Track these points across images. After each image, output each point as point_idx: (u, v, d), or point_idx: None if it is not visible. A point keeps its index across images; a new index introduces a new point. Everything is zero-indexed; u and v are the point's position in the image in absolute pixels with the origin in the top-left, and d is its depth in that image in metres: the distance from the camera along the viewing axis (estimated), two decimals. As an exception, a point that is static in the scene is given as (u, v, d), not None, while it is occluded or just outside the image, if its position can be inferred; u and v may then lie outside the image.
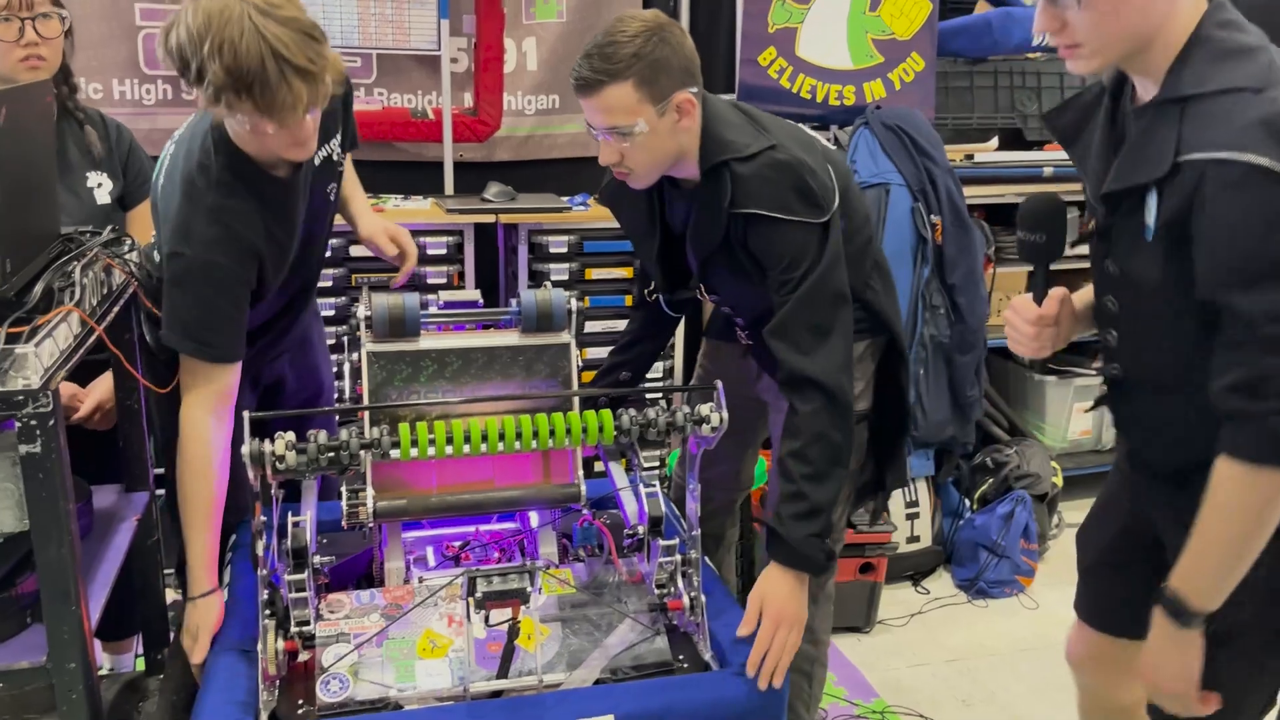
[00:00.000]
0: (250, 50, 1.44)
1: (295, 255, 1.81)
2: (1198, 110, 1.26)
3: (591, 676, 1.61)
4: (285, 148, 1.62)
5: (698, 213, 1.77)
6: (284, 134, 1.57)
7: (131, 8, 2.95)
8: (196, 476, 1.64)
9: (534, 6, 3.37)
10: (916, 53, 3.26)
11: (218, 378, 1.67)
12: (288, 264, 1.80)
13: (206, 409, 1.65)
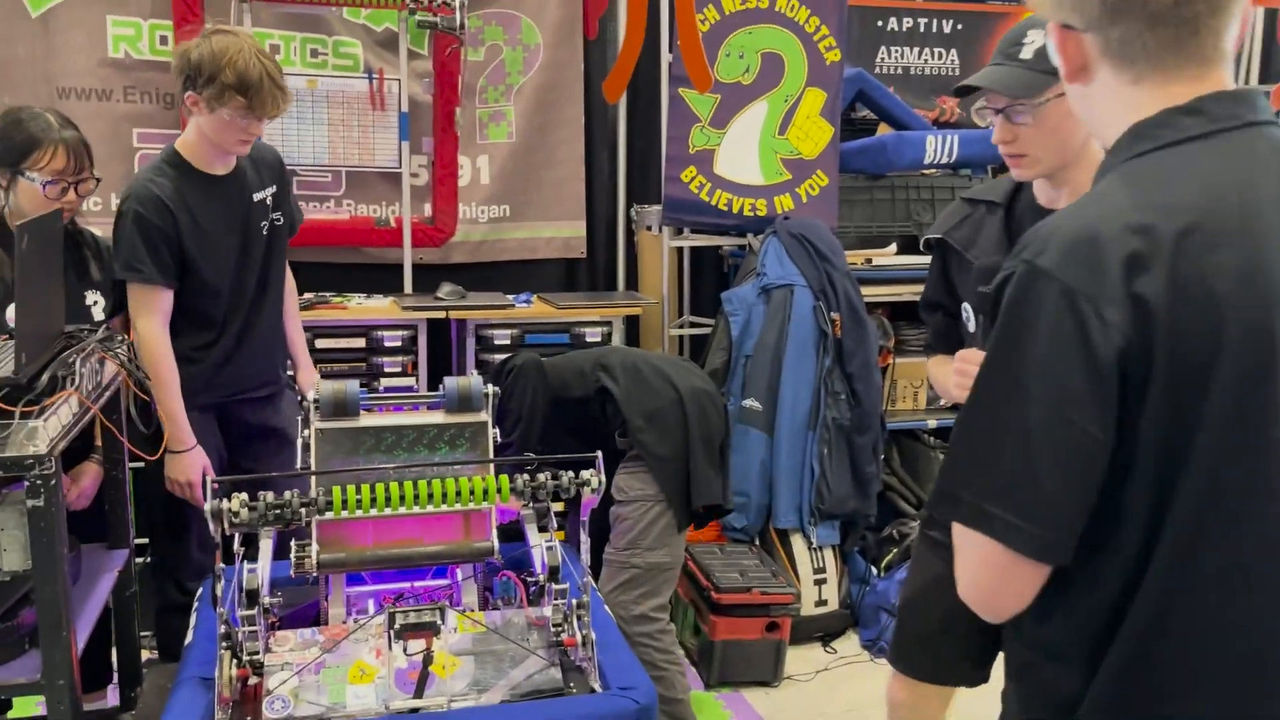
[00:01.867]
0: (254, 68, 2.32)
1: (229, 260, 2.50)
2: None
3: (495, 699, 1.93)
4: (235, 143, 2.42)
5: None
6: (244, 131, 2.38)
7: (130, 132, 3.37)
8: (161, 362, 2.38)
9: (486, 129, 3.81)
10: (821, 170, 3.70)
11: (152, 298, 2.41)
12: (216, 260, 2.48)
13: (151, 320, 2.41)
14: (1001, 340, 1.02)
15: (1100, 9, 1.03)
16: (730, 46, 3.60)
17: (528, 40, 3.80)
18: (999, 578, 1.03)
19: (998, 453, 1.00)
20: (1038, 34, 1.68)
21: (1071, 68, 1.09)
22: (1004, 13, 4.49)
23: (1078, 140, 1.72)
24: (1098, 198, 1.04)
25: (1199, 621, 1.01)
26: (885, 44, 4.34)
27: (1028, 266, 1.00)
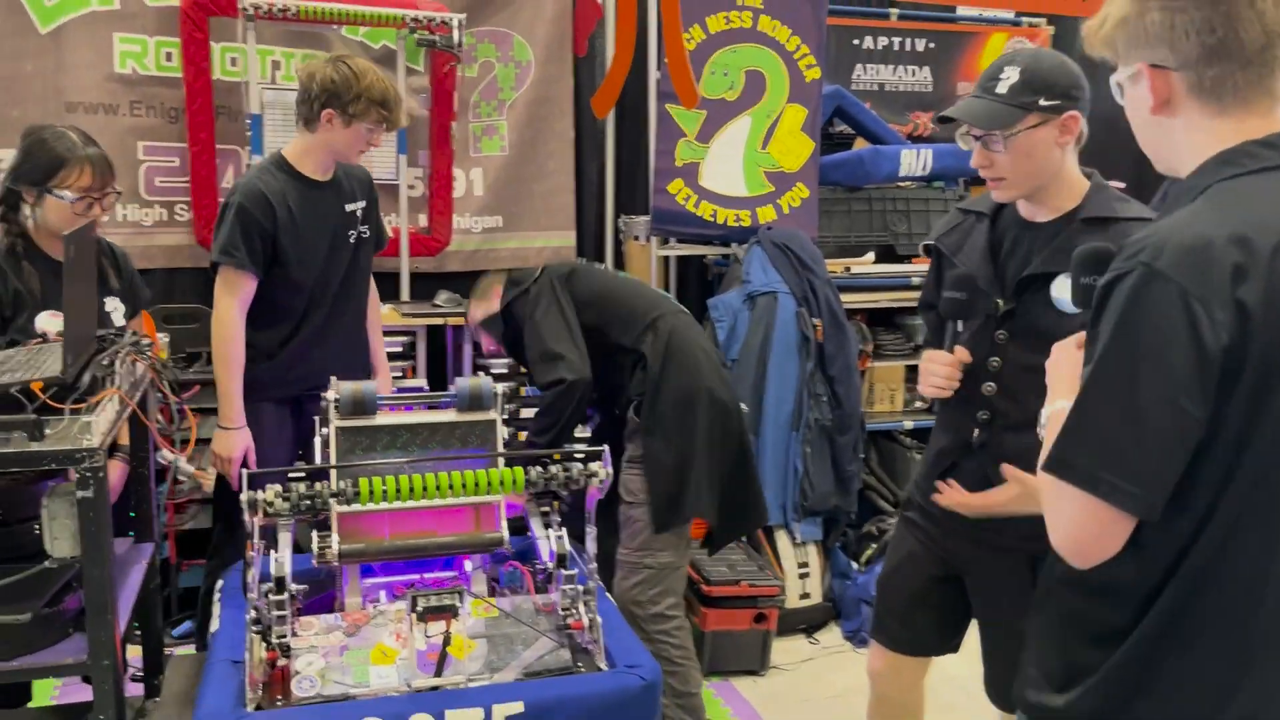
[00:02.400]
0: (391, 89, 2.70)
1: (317, 260, 2.74)
2: (1120, 228, 1.84)
3: (508, 678, 2.06)
4: (357, 153, 2.75)
5: None
6: (367, 143, 2.72)
7: (136, 145, 3.48)
8: (232, 342, 2.64)
9: (480, 142, 3.94)
10: (802, 182, 3.87)
11: (239, 282, 2.64)
12: (305, 257, 2.71)
13: (232, 302, 2.64)
14: (1119, 331, 1.15)
15: (1200, 51, 1.19)
16: (715, 64, 3.76)
17: (520, 57, 3.94)
18: (1101, 531, 1.18)
19: (1112, 427, 1.16)
20: (1013, 70, 1.86)
21: (1158, 101, 1.24)
22: (975, 32, 4.68)
23: (1052, 165, 1.90)
24: (1200, 212, 1.18)
25: (1243, 568, 1.21)
26: (861, 61, 4.52)
27: (1146, 268, 1.14)
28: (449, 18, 3.51)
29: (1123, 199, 1.93)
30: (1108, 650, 1.27)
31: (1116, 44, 1.27)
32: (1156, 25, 1.21)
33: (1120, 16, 1.25)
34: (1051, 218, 1.95)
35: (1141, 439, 1.14)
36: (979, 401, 2.01)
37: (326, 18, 3.36)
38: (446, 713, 1.90)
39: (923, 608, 2.19)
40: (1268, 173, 1.19)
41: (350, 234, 2.82)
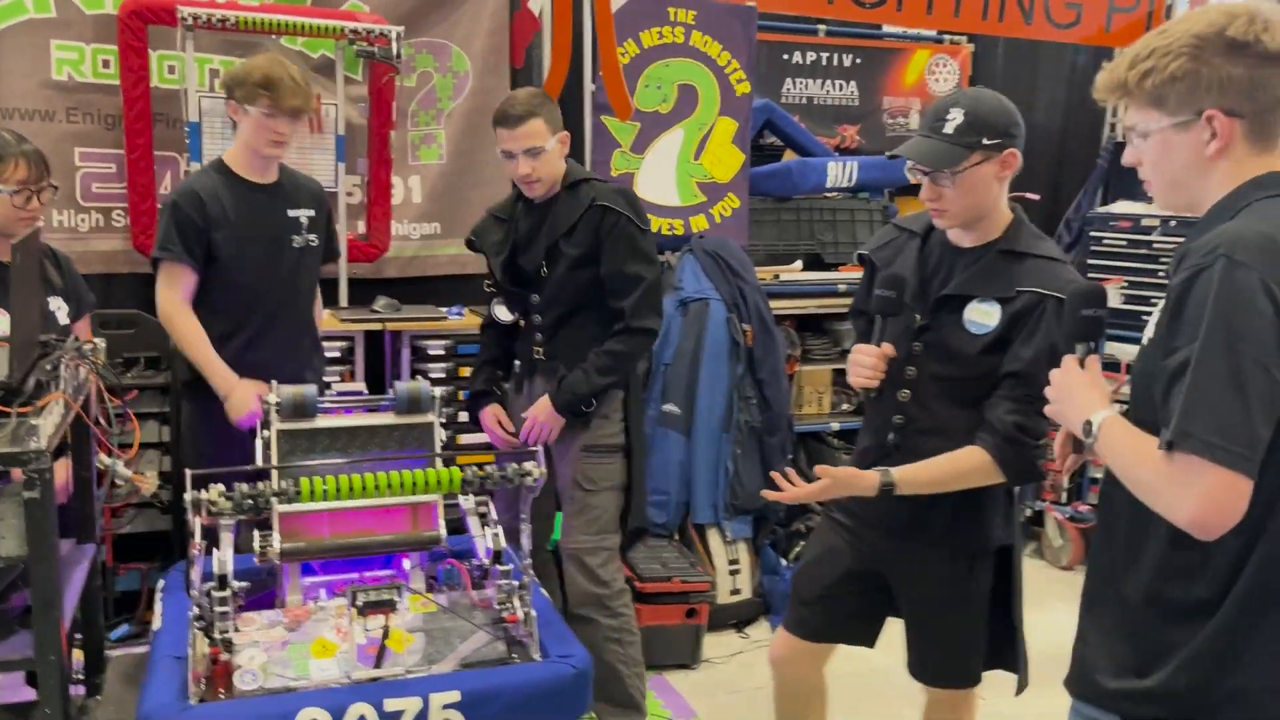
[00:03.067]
0: (276, 70, 2.73)
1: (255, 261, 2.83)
2: (1030, 262, 2.05)
3: (446, 669, 2.15)
4: (266, 144, 2.79)
5: None
6: (272, 131, 2.75)
7: (72, 151, 3.49)
8: (183, 324, 2.78)
9: (418, 151, 4.01)
10: (733, 193, 4.01)
11: (177, 275, 2.78)
12: (240, 255, 2.81)
13: (173, 293, 2.79)
14: (1215, 316, 1.30)
15: (1271, 101, 1.39)
16: (649, 78, 3.88)
17: (457, 68, 4.02)
18: (1227, 500, 1.29)
19: (1224, 399, 1.28)
20: (958, 111, 2.03)
21: (1222, 144, 1.41)
22: (899, 49, 4.87)
23: (991, 197, 2.08)
24: (1257, 217, 1.36)
25: None
26: (790, 76, 4.68)
27: (1228, 261, 1.31)
28: (387, 30, 3.58)
29: (1038, 236, 2.13)
30: (1192, 627, 1.38)
31: (1168, 96, 1.42)
32: (1234, 78, 1.38)
33: (1182, 70, 1.40)
34: (974, 244, 2.12)
35: (1248, 407, 1.28)
36: (895, 407, 2.16)
37: (266, 29, 3.41)
38: (385, 701, 1.99)
39: (834, 599, 2.32)
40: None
41: (294, 239, 2.90)
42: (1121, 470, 1.42)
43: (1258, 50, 1.37)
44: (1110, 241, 4.38)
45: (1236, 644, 1.36)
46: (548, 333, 2.78)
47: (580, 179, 2.77)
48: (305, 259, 2.96)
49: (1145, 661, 1.42)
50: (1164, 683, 1.40)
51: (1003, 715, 2.57)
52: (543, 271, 2.73)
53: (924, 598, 2.25)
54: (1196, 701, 1.38)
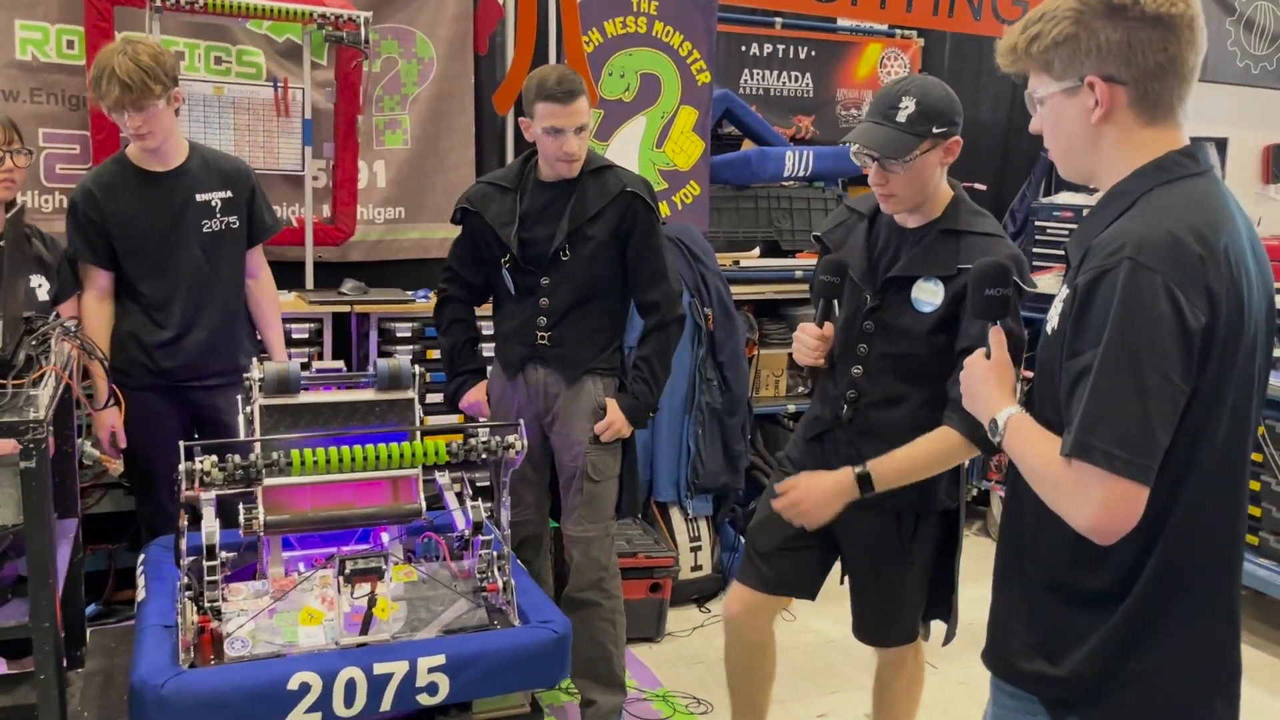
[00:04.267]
0: (104, 66, 2.63)
1: (163, 250, 2.82)
2: (969, 239, 2.14)
3: (430, 635, 2.22)
4: (132, 135, 2.74)
5: None
6: (125, 124, 2.70)
7: (37, 132, 3.48)
8: (94, 334, 2.73)
9: (383, 135, 4.05)
10: (694, 180, 4.11)
11: (88, 275, 2.83)
12: (143, 246, 2.81)
13: (88, 296, 2.83)
14: (1117, 321, 1.28)
15: (1152, 66, 1.35)
16: (612, 66, 3.96)
17: (422, 54, 4.07)
18: (1126, 508, 1.30)
19: (1125, 408, 1.28)
20: (910, 100, 2.11)
21: (1103, 111, 1.38)
22: (853, 42, 5.00)
23: (934, 182, 2.19)
24: (1160, 213, 1.34)
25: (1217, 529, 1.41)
26: (749, 67, 4.79)
27: (1132, 264, 1.28)
28: (356, 15, 3.61)
29: (977, 213, 2.23)
30: (1096, 614, 1.42)
31: (1054, 61, 1.40)
32: (1115, 41, 1.35)
33: (1064, 35, 1.38)
34: (918, 225, 2.23)
35: (1148, 415, 1.28)
36: (848, 382, 2.28)
37: (236, 12, 3.43)
38: (374, 665, 2.06)
39: (790, 551, 2.42)
40: (1194, 178, 1.38)
41: (204, 223, 2.88)
42: (1024, 470, 1.44)
43: (1135, 13, 1.35)
44: (1054, 231, 4.55)
45: (1140, 632, 1.41)
46: (555, 317, 2.73)
47: (603, 164, 2.76)
48: (224, 244, 2.93)
49: (1054, 647, 1.47)
50: (1075, 670, 1.44)
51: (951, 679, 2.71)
52: (563, 254, 2.70)
53: (869, 558, 2.38)
54: (1103, 685, 1.43)
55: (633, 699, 3.14)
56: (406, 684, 2.08)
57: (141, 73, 2.61)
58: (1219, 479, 1.40)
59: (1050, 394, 1.43)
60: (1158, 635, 1.41)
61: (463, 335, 2.93)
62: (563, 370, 2.77)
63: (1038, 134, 1.51)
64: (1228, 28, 5.98)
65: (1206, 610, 1.43)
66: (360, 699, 2.04)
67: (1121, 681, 1.42)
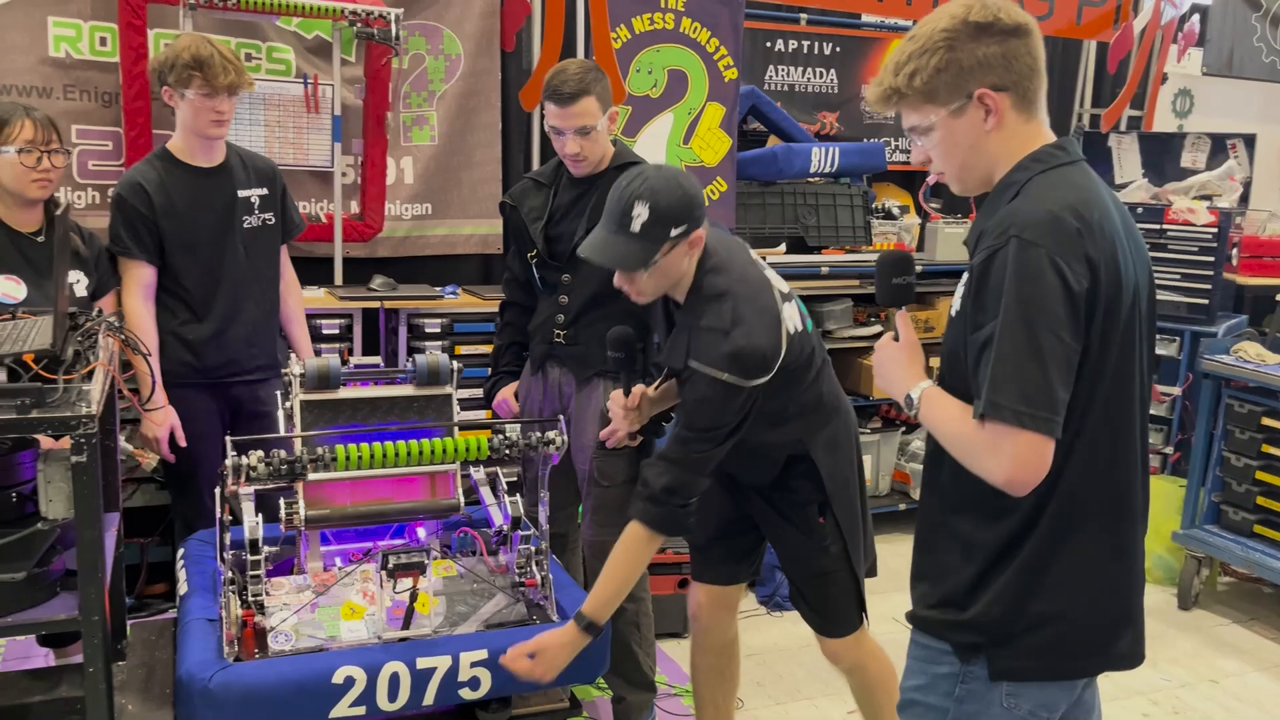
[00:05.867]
0: (204, 49, 2.72)
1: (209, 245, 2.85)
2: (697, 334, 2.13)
3: (470, 630, 2.24)
4: (208, 124, 2.78)
5: None
6: (212, 110, 2.75)
7: (70, 129, 3.49)
8: (143, 332, 2.74)
9: (411, 131, 4.06)
10: (720, 177, 4.11)
11: (133, 271, 2.82)
12: (191, 242, 2.84)
13: (132, 293, 2.82)
14: (1010, 293, 1.43)
15: (1024, 70, 1.53)
16: (640, 63, 3.97)
17: (449, 50, 4.07)
18: (1036, 459, 1.44)
19: (1025, 368, 1.42)
20: (643, 208, 2.06)
21: (996, 120, 1.54)
22: (878, 38, 4.99)
23: (684, 272, 2.14)
24: (1039, 196, 1.49)
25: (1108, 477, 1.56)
26: (774, 63, 4.78)
27: (1018, 240, 1.44)
28: (387, 12, 3.63)
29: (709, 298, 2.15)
30: (1002, 563, 1.56)
31: (938, 88, 1.54)
32: (993, 55, 1.51)
33: (944, 61, 1.52)
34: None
35: (1047, 373, 1.43)
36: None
37: (269, 9, 3.44)
38: (417, 660, 2.08)
39: (723, 539, 2.53)
40: (1066, 167, 1.55)
41: (245, 220, 2.92)
42: (940, 436, 1.58)
43: (1000, 27, 1.51)
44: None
45: (1040, 574, 1.54)
46: (572, 315, 2.73)
47: (630, 160, 2.72)
48: (262, 240, 2.97)
49: (961, 595, 1.59)
50: (980, 613, 1.57)
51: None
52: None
53: (787, 550, 2.44)
54: (1010, 626, 1.56)
55: (663, 695, 3.16)
56: (449, 678, 2.10)
57: (240, 62, 2.80)
58: (1104, 432, 1.54)
59: (957, 370, 1.57)
60: (1057, 576, 1.55)
61: (510, 338, 2.96)
62: (575, 370, 2.78)
63: (922, 164, 1.66)
64: (1254, 23, 5.96)
65: (1100, 551, 1.57)
66: (404, 693, 2.06)
67: (1027, 623, 1.55)
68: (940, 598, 1.63)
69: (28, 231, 2.59)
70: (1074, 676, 1.61)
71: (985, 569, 1.57)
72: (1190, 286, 4.30)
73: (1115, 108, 5.18)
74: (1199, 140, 5.05)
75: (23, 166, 2.46)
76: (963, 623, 1.59)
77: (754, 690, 3.30)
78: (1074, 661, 1.59)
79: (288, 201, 3.08)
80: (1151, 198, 4.60)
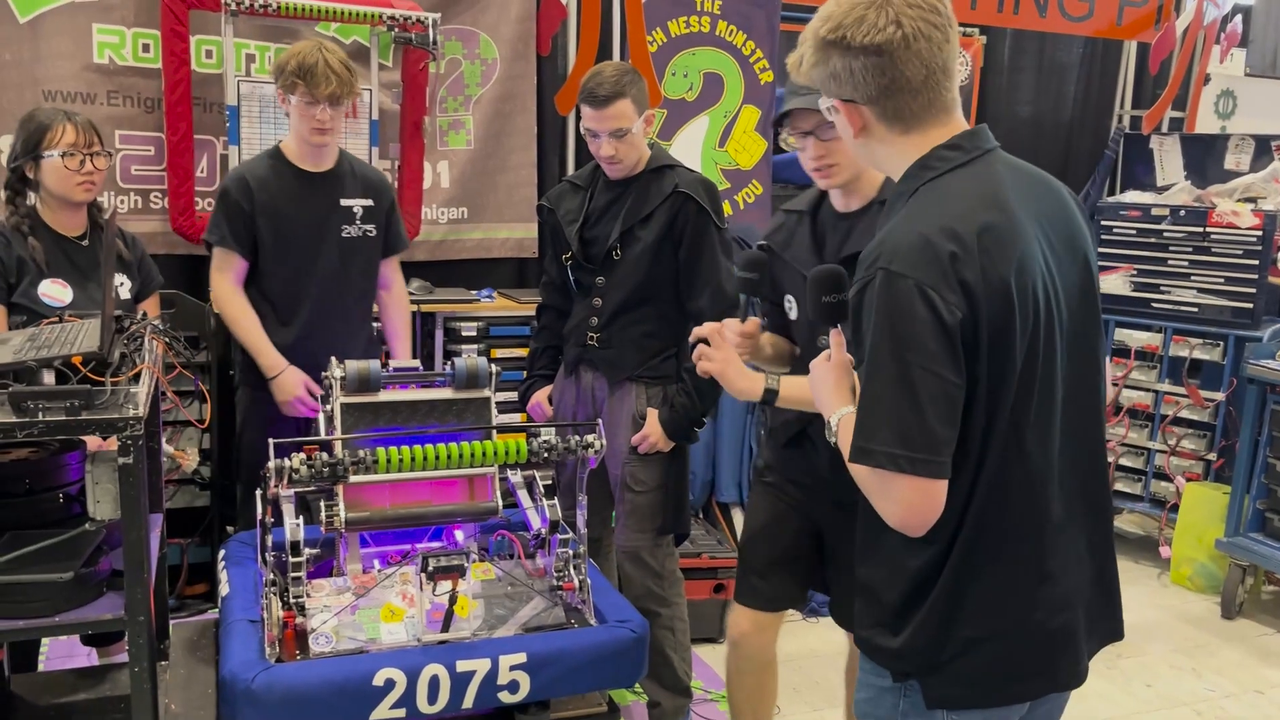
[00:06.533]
0: (311, 57, 2.75)
1: (303, 247, 2.89)
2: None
3: (509, 633, 2.24)
4: (310, 131, 2.80)
5: None
6: (314, 119, 2.78)
7: (113, 134, 3.55)
8: (232, 306, 2.87)
9: (447, 136, 4.09)
10: (756, 180, 4.10)
11: (224, 259, 2.88)
12: (285, 242, 2.89)
13: (223, 277, 2.88)
14: (879, 328, 1.36)
15: (877, 89, 1.44)
16: (675, 66, 3.97)
17: (485, 55, 4.09)
18: (921, 501, 1.37)
19: (896, 409, 1.34)
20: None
21: (856, 129, 1.50)
22: (912, 40, 4.95)
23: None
24: (914, 215, 1.41)
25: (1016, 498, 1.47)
26: (809, 66, 4.76)
27: (885, 273, 1.36)
28: (425, 17, 3.65)
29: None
30: (924, 590, 1.50)
31: (816, 81, 1.51)
32: (840, 70, 1.45)
33: (811, 62, 1.49)
34: (860, 205, 2.20)
35: (922, 412, 1.34)
36: None
37: (308, 14, 3.47)
38: (457, 663, 2.08)
39: (786, 564, 2.44)
40: (957, 170, 1.45)
41: (345, 228, 2.93)
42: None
43: (845, 45, 1.43)
44: (1120, 231, 4.48)
45: (959, 600, 1.49)
46: (605, 317, 2.74)
47: (665, 164, 2.72)
48: (360, 251, 2.98)
49: (891, 621, 1.54)
50: (907, 642, 1.52)
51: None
52: (615, 254, 2.70)
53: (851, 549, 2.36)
54: (936, 654, 1.50)
55: (699, 700, 3.14)
56: (488, 681, 2.10)
57: (349, 73, 2.81)
58: (1014, 455, 1.44)
59: None
60: (977, 602, 1.48)
61: (546, 341, 2.96)
62: (607, 373, 2.78)
63: None
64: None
65: (1023, 573, 1.49)
66: (444, 696, 2.07)
67: (954, 649, 1.50)
68: (873, 619, 1.59)
69: (72, 235, 2.63)
70: (1011, 701, 1.54)
71: (909, 595, 1.52)
72: (1235, 290, 4.23)
73: (1157, 109, 5.12)
74: (1242, 142, 4.97)
75: (67, 170, 2.50)
76: (891, 650, 1.54)
77: (791, 697, 3.28)
78: (1010, 686, 1.53)
79: (394, 215, 3.07)
80: (1195, 200, 4.53)
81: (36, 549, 1.91)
